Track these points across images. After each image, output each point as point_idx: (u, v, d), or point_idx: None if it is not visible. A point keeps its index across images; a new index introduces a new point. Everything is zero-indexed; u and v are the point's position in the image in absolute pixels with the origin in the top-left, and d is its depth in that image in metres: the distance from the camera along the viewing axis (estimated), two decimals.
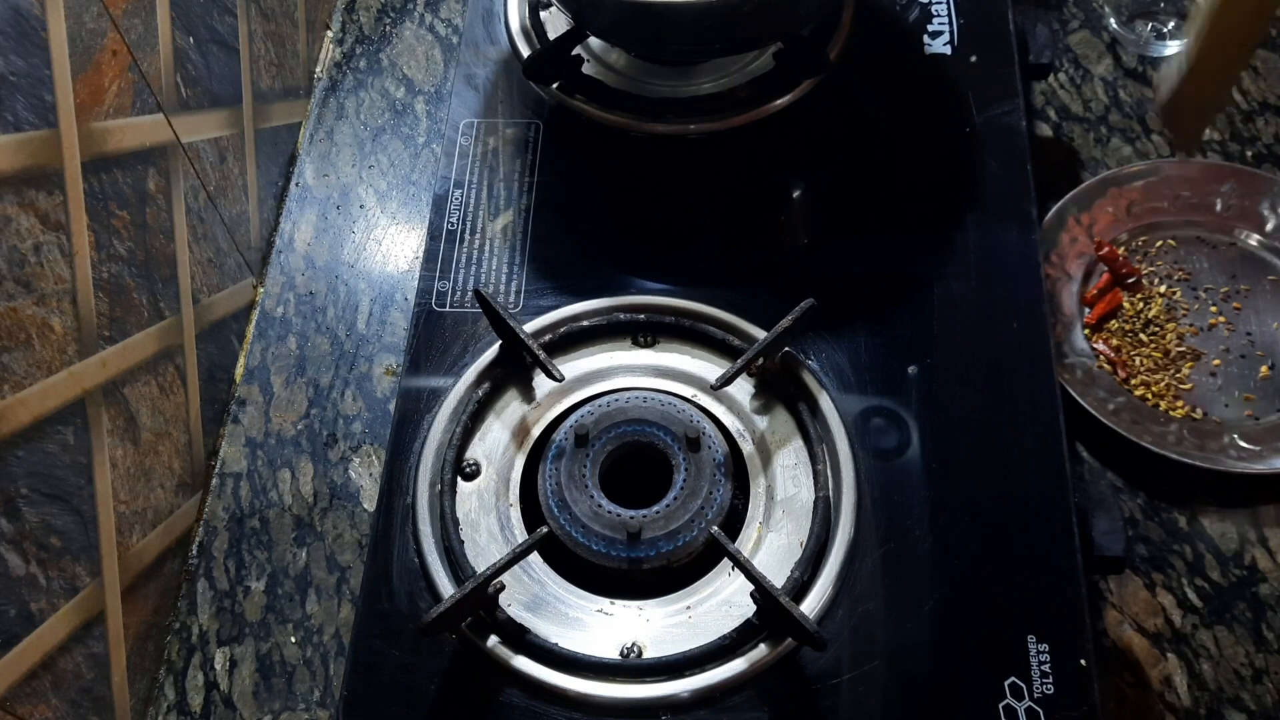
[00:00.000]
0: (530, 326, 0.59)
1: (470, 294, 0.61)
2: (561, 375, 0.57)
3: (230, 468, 0.66)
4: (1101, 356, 0.65)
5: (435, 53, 0.80)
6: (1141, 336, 0.66)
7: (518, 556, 0.52)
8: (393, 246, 0.73)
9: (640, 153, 0.67)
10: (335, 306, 0.71)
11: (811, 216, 0.65)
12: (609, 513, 0.53)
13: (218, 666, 0.60)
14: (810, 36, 0.69)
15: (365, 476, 0.65)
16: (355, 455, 0.66)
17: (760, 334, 0.58)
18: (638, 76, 0.69)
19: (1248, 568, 0.59)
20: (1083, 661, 0.50)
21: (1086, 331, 0.66)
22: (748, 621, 0.51)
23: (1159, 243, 0.69)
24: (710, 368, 0.59)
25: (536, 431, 0.58)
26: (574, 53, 0.68)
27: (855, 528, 0.53)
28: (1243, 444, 0.61)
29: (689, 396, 0.58)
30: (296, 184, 0.75)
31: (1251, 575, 0.59)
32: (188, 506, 0.63)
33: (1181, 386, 0.64)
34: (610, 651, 0.52)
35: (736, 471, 0.55)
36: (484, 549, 0.54)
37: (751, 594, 0.51)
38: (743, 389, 0.58)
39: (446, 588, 0.53)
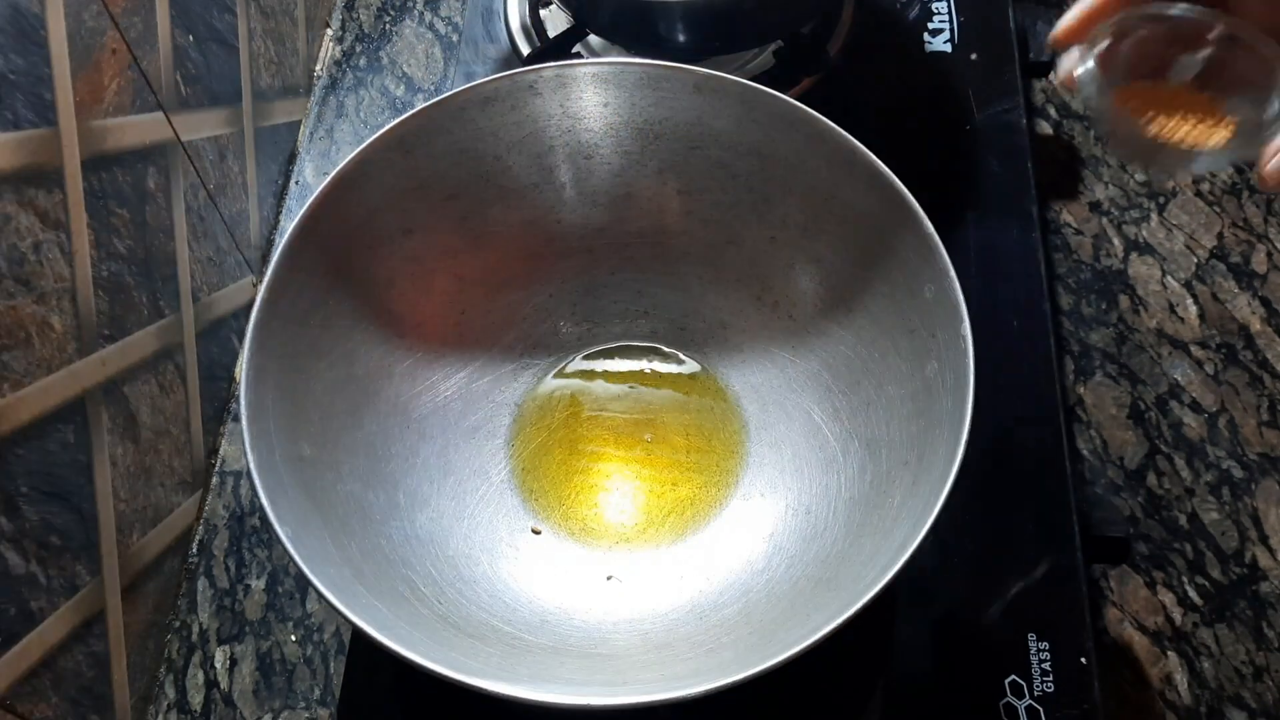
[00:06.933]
0: None
1: None
2: None
3: (230, 466, 0.66)
4: None
5: (435, 51, 0.80)
6: None
7: None
8: None
9: None
10: None
11: None
12: None
13: (218, 665, 0.60)
14: (810, 34, 0.68)
15: None
16: None
17: None
18: None
19: (1248, 566, 0.59)
20: (1083, 659, 0.50)
21: None
22: None
23: None
24: None
25: None
26: (574, 50, 0.68)
27: None
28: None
29: None
30: (296, 182, 0.75)
31: (1252, 573, 0.59)
32: (188, 505, 0.63)
33: None
34: None
35: None
36: None
37: None
38: None
39: None
